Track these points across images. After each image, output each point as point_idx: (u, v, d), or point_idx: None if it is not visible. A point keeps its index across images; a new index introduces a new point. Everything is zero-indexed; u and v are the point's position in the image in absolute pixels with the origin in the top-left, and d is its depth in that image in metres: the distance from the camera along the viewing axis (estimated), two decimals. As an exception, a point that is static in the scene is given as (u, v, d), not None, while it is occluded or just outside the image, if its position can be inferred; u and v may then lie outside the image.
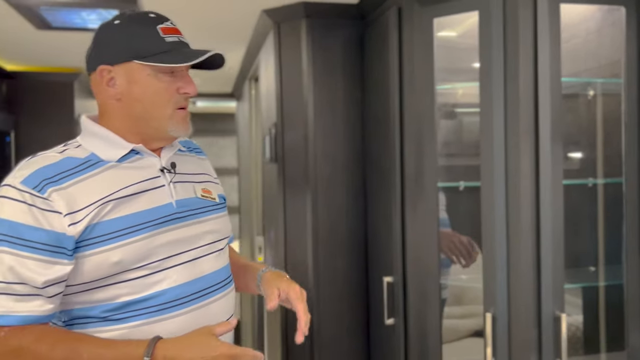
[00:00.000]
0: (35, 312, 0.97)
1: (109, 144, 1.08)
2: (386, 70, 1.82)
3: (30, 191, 0.98)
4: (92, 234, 1.00)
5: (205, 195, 1.16)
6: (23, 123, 3.08)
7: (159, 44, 1.06)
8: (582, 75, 1.85)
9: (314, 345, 2.07)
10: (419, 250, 1.71)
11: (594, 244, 1.86)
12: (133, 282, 1.03)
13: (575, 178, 1.91)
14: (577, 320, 2.01)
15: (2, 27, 2.28)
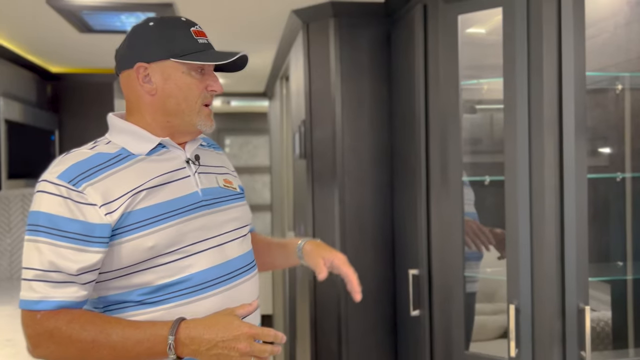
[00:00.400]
0: (70, 297, 1.05)
1: (138, 138, 1.16)
2: (412, 67, 1.86)
3: (66, 185, 1.06)
4: (127, 221, 1.08)
5: (227, 185, 1.24)
6: (66, 122, 3.22)
7: (193, 45, 1.15)
8: (610, 69, 1.85)
9: (342, 338, 2.13)
10: (444, 244, 1.74)
11: (622, 238, 1.85)
12: (166, 266, 1.10)
13: (604, 172, 1.91)
14: (606, 316, 2.00)
15: (48, 31, 2.41)
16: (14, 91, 2.72)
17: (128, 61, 1.17)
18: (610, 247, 1.91)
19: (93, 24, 2.24)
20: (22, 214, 3.14)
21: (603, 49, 1.87)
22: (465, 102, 1.93)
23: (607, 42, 1.86)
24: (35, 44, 2.65)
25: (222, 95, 4.61)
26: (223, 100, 5.53)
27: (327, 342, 2.17)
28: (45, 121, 2.97)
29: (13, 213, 3.13)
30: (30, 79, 2.95)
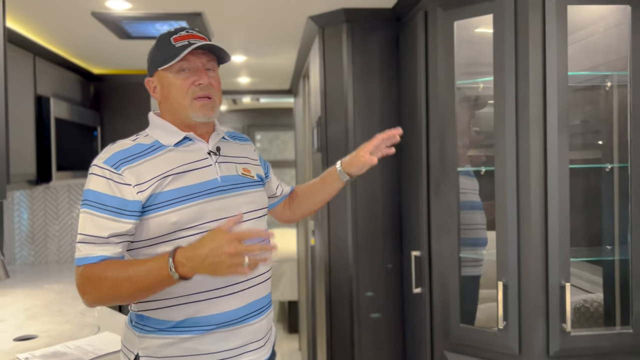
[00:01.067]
0: (105, 254, 1.28)
1: (168, 132, 1.39)
2: (415, 68, 2.05)
3: (109, 169, 1.31)
4: (155, 200, 1.31)
5: (245, 173, 1.45)
6: (107, 119, 3.51)
7: (171, 51, 1.35)
8: (600, 68, 1.99)
9: (353, 315, 2.34)
10: (441, 227, 1.93)
11: (611, 223, 2.00)
12: (186, 239, 1.30)
13: (596, 163, 2.06)
14: (600, 297, 2.15)
15: (92, 38, 2.68)
16: (62, 92, 3.01)
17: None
18: (602, 232, 2.05)
19: (131, 32, 2.50)
20: (69, 202, 3.45)
21: (595, 49, 2.02)
22: (477, 97, 2.11)
23: (598, 43, 2.00)
24: (80, 49, 2.93)
25: (250, 93, 4.84)
26: (252, 97, 5.77)
27: (340, 318, 2.38)
28: (88, 118, 3.25)
29: (61, 202, 3.44)
30: (75, 81, 3.24)
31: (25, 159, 2.54)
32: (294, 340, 4.78)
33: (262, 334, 1.42)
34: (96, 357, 1.65)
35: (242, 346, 1.37)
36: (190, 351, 1.33)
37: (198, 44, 1.35)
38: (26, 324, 2.06)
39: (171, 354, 1.33)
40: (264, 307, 1.43)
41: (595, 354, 1.76)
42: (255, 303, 1.39)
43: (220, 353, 1.34)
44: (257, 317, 1.40)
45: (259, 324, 1.40)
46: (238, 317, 1.36)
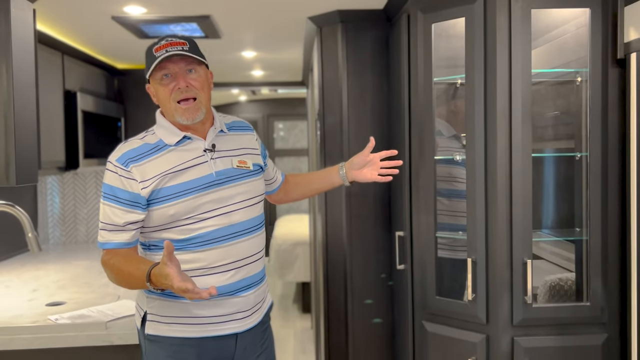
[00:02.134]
0: (121, 240, 1.55)
1: (170, 132, 1.60)
2: (399, 66, 2.25)
3: (120, 166, 1.55)
4: (157, 195, 1.54)
5: (240, 165, 1.63)
6: (130, 111, 3.79)
7: (152, 60, 1.53)
8: (571, 65, 2.15)
9: (347, 289, 2.57)
10: (420, 210, 2.14)
11: (580, 207, 2.17)
12: (182, 227, 1.55)
13: (568, 152, 2.23)
14: (573, 276, 2.33)
15: (113, 37, 2.95)
16: (88, 86, 3.29)
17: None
18: (574, 214, 2.22)
19: (148, 32, 2.75)
20: (96, 187, 3.75)
21: (566, 47, 2.19)
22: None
23: (570, 41, 2.17)
24: (104, 47, 3.20)
25: (265, 85, 5.08)
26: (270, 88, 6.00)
27: (336, 292, 2.61)
28: (113, 110, 3.53)
29: (89, 187, 3.75)
30: (100, 75, 3.52)
31: (55, 147, 2.83)
32: (307, 320, 5.04)
33: (250, 305, 1.63)
34: (114, 319, 1.91)
35: (230, 314, 1.59)
36: (187, 313, 1.58)
37: (165, 54, 1.50)
38: (56, 293, 2.34)
39: (171, 314, 1.59)
40: (254, 283, 1.64)
41: (555, 324, 1.96)
42: (246, 279, 1.61)
43: (211, 317, 1.58)
44: (247, 291, 1.61)
45: (248, 297, 1.62)
46: (230, 290, 1.58)
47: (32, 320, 1.91)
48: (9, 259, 3.06)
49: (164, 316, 1.59)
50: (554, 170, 2.35)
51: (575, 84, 2.15)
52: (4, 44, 1.82)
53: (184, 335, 1.58)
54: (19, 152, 1.86)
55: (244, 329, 1.62)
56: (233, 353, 1.62)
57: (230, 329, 1.60)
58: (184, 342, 1.58)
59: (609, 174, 1.93)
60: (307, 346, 4.34)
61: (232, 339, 1.62)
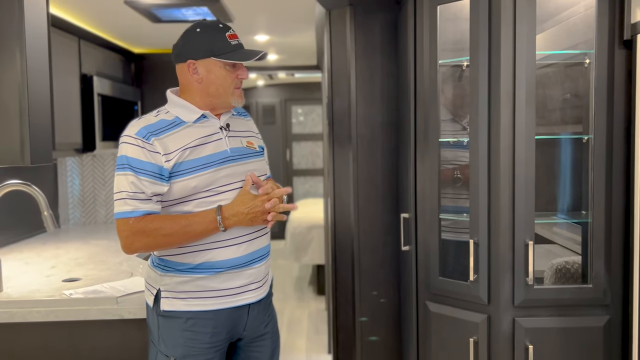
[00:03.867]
0: (150, 209, 1.59)
1: (188, 110, 1.65)
2: (406, 49, 2.25)
3: (141, 139, 1.59)
4: (179, 168, 1.59)
5: (249, 145, 1.73)
6: (146, 94, 3.86)
7: (228, 46, 1.61)
8: (580, 47, 2.13)
9: (355, 272, 2.61)
10: (424, 192, 2.16)
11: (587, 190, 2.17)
12: (202, 200, 1.62)
13: (577, 134, 2.22)
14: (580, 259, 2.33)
15: (128, 22, 3.00)
16: (105, 70, 3.36)
17: (182, 57, 1.65)
18: (581, 197, 2.22)
19: (161, 16, 2.80)
20: (114, 170, 3.84)
21: (575, 29, 2.17)
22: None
23: (578, 22, 2.15)
24: (119, 31, 3.26)
25: (280, 69, 5.10)
26: (287, 72, 6.02)
27: (344, 274, 2.66)
28: (129, 94, 3.60)
29: (107, 169, 3.84)
30: (117, 60, 3.59)
31: (72, 130, 2.91)
32: (322, 301, 5.11)
33: (261, 276, 1.72)
34: (125, 295, 1.99)
35: (245, 285, 1.67)
36: (203, 287, 1.64)
37: (258, 55, 1.63)
38: (73, 269, 2.44)
39: (187, 289, 1.64)
40: (263, 255, 1.73)
41: (556, 306, 1.97)
42: (257, 252, 1.69)
43: (227, 290, 1.65)
44: (258, 262, 1.70)
45: (259, 268, 1.70)
46: (243, 262, 1.66)
47: (48, 294, 1.99)
48: (30, 238, 3.18)
49: (179, 292, 1.65)
50: (564, 153, 2.34)
51: (583, 66, 2.13)
52: (17, 29, 1.88)
53: (201, 308, 1.64)
54: (33, 133, 1.93)
55: (256, 299, 1.71)
56: (245, 323, 1.71)
57: (245, 300, 1.68)
58: (200, 315, 1.64)
59: (613, 156, 1.92)
60: (321, 327, 4.41)
61: (246, 310, 1.70)
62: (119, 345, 1.93)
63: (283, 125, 7.69)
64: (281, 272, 6.15)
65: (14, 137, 1.91)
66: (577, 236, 2.33)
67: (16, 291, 2.05)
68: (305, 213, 5.57)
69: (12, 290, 2.06)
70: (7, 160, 1.91)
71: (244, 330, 1.72)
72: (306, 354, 3.91)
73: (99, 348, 1.93)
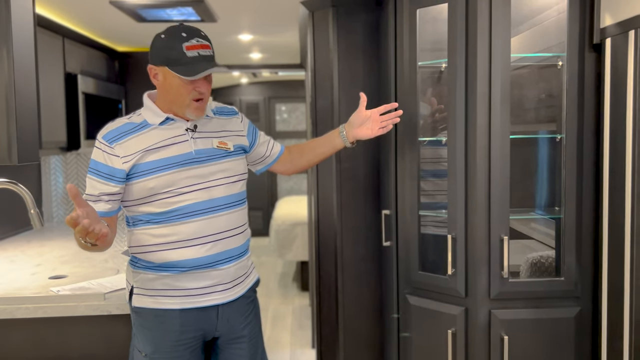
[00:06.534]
0: (100, 209, 1.62)
1: (154, 113, 1.68)
2: (387, 50, 2.32)
3: (105, 143, 1.64)
4: (138, 169, 1.62)
5: (220, 146, 1.71)
6: (130, 92, 3.88)
7: (183, 58, 1.58)
8: (553, 49, 2.22)
9: (338, 265, 2.67)
10: (405, 190, 2.23)
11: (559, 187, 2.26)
12: (163, 200, 1.64)
13: (550, 134, 2.31)
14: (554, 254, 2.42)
15: (113, 21, 3.03)
16: (89, 69, 3.38)
17: (149, 61, 1.69)
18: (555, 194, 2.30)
19: (146, 16, 2.83)
20: (97, 168, 3.86)
21: (548, 32, 2.25)
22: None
23: (551, 26, 2.23)
24: (104, 30, 3.28)
25: (264, 67, 5.14)
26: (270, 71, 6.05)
27: (327, 268, 2.72)
28: (113, 92, 3.62)
29: (90, 167, 3.85)
30: (101, 58, 3.60)
31: (57, 128, 2.93)
32: (305, 297, 5.17)
33: (230, 278, 1.72)
34: (112, 291, 2.03)
35: (211, 286, 1.69)
36: (169, 286, 1.68)
37: (207, 72, 1.58)
38: (59, 267, 2.46)
39: (154, 287, 1.69)
40: (234, 257, 1.72)
41: (530, 298, 2.06)
42: (224, 252, 1.70)
43: (192, 290, 1.68)
44: (227, 263, 1.70)
45: (228, 269, 1.71)
46: (207, 262, 1.67)
47: (35, 292, 2.02)
48: (14, 236, 3.18)
49: (147, 289, 1.70)
50: (540, 151, 2.43)
51: (556, 68, 2.22)
52: (4, 28, 1.91)
53: (167, 307, 1.68)
54: (20, 132, 1.96)
55: (225, 300, 1.72)
56: (215, 324, 1.73)
57: (211, 301, 1.70)
58: (167, 313, 1.68)
59: (584, 154, 2.01)
60: (305, 322, 4.48)
61: (214, 310, 1.71)
62: (106, 340, 1.97)
63: (267, 123, 7.72)
64: (265, 268, 6.20)
65: (1, 136, 1.93)
66: (553, 231, 2.43)
67: (2, 289, 2.07)
68: (289, 210, 5.62)
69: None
70: (-5, 158, 1.94)
71: (216, 330, 1.73)
72: (290, 349, 3.97)
73: (87, 343, 1.97)
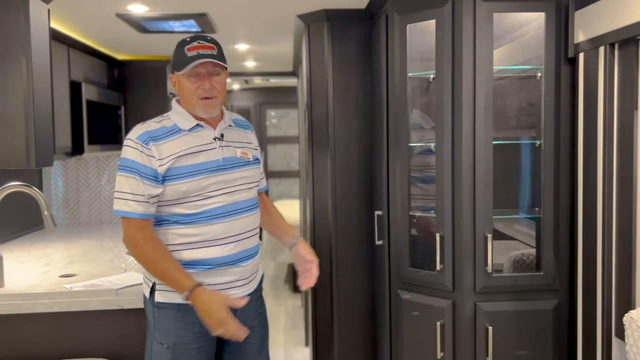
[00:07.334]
0: (146, 211, 1.75)
1: (185, 118, 1.81)
2: (379, 62, 2.48)
3: (141, 144, 1.75)
4: (171, 173, 1.75)
5: (242, 155, 1.86)
6: (130, 99, 3.99)
7: (184, 59, 1.73)
8: (532, 62, 2.40)
9: (332, 264, 2.83)
10: (396, 191, 2.39)
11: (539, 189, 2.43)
12: (192, 203, 1.77)
13: (529, 140, 2.48)
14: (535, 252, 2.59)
15: (116, 32, 3.15)
16: (91, 76, 3.50)
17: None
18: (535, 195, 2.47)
19: (149, 28, 2.97)
20: (97, 172, 3.97)
21: (528, 45, 2.43)
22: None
23: (531, 40, 2.41)
24: (106, 40, 3.41)
25: (258, 75, 5.29)
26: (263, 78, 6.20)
27: (323, 268, 2.86)
28: (114, 99, 3.74)
29: (90, 172, 3.96)
30: (102, 66, 3.72)
31: (63, 134, 3.05)
32: (298, 298, 5.31)
33: (248, 274, 1.88)
34: (123, 287, 2.16)
35: (232, 282, 1.83)
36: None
37: (200, 61, 1.71)
38: (67, 267, 2.58)
39: None
40: (251, 255, 1.88)
41: (512, 291, 2.23)
42: (245, 251, 1.85)
43: (215, 285, 1.81)
44: (246, 261, 1.85)
45: (246, 266, 1.86)
46: (231, 260, 1.81)
47: (48, 289, 2.15)
48: (17, 238, 3.29)
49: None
50: (524, 156, 2.60)
51: (536, 79, 2.40)
52: (24, 41, 2.04)
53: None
54: (37, 138, 2.09)
55: (243, 294, 1.87)
56: (233, 316, 1.85)
57: (232, 295, 1.83)
58: (190, 307, 1.78)
59: (560, 159, 2.19)
60: (297, 322, 4.61)
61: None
62: (117, 333, 2.11)
63: (258, 128, 7.86)
64: (257, 271, 6.31)
65: (20, 141, 2.06)
66: (534, 232, 2.60)
67: (17, 286, 2.20)
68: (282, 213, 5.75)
69: (14, 285, 2.20)
70: (14, 163, 2.07)
71: None
72: (284, 347, 4.10)
73: (99, 335, 2.10)
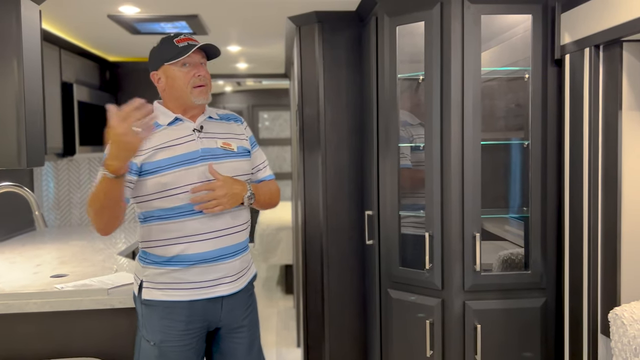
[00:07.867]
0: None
1: (163, 114, 1.83)
2: (369, 63, 2.51)
3: None
4: (150, 166, 1.76)
5: (224, 146, 1.86)
6: (122, 101, 3.97)
7: (175, 50, 1.79)
8: (520, 63, 2.43)
9: (324, 263, 2.85)
10: (386, 191, 2.42)
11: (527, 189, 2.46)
12: (173, 197, 1.78)
13: (517, 140, 2.52)
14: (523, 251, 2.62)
15: (108, 33, 3.16)
16: (83, 78, 3.51)
17: (149, 71, 1.88)
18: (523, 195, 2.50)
19: (141, 29, 2.98)
20: (89, 173, 3.97)
21: (516, 47, 2.47)
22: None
23: (519, 42, 2.45)
24: (98, 41, 3.42)
25: (250, 76, 5.31)
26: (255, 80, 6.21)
27: (314, 267, 2.89)
28: (105, 100, 3.74)
29: (82, 173, 3.96)
30: (94, 67, 3.73)
31: (54, 135, 3.05)
32: (290, 300, 5.32)
33: (235, 271, 1.87)
34: (114, 287, 2.17)
35: (218, 279, 1.83)
36: (178, 279, 1.81)
37: (200, 44, 1.79)
38: (59, 267, 2.59)
39: (164, 281, 1.82)
40: (238, 251, 1.87)
41: (501, 290, 2.25)
42: (228, 247, 1.84)
43: (200, 282, 1.81)
44: (232, 258, 1.85)
45: (233, 263, 1.85)
46: (214, 256, 1.81)
47: (40, 289, 2.15)
48: (8, 240, 3.29)
49: (158, 282, 1.83)
50: (513, 156, 2.63)
51: (523, 80, 2.43)
52: (15, 42, 2.05)
53: (176, 299, 1.82)
54: (29, 138, 2.10)
55: (230, 292, 1.86)
56: (220, 315, 1.87)
57: (218, 292, 1.84)
58: (176, 304, 1.81)
59: (547, 159, 2.22)
60: (289, 323, 4.63)
61: (219, 302, 1.86)
62: (108, 332, 2.11)
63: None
64: (249, 273, 6.32)
65: (12, 142, 2.07)
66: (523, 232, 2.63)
67: (8, 286, 2.20)
68: (273, 215, 5.77)
69: (5, 286, 2.20)
70: (5, 163, 2.07)
71: (220, 320, 1.88)
72: (276, 348, 4.12)
73: (91, 335, 2.10)
